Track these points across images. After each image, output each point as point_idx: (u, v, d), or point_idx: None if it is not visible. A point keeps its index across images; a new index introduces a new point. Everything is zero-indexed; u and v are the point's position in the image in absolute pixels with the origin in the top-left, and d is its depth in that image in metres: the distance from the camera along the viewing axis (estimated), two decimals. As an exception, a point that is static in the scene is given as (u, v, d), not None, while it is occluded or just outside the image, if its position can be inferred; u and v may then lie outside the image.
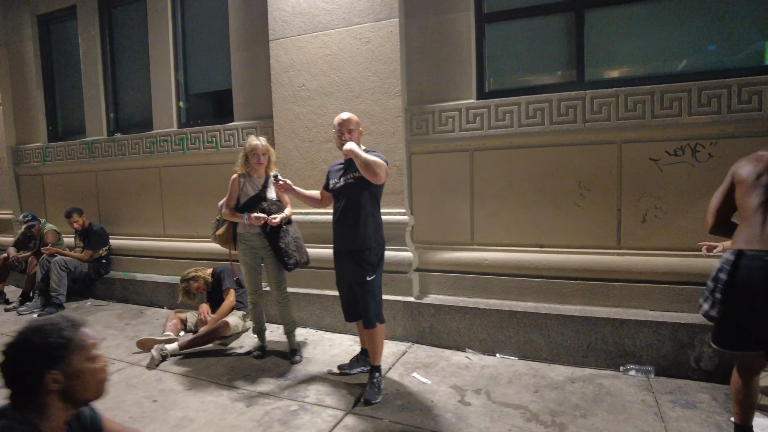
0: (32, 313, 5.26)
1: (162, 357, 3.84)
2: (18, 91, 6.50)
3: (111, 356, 3.98)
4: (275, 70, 4.47)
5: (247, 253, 3.64)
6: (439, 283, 4.14)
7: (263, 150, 3.54)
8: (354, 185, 3.13)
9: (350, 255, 3.18)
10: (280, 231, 3.53)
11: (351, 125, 3.15)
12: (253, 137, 3.59)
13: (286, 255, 3.52)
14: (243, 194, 3.56)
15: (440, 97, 4.02)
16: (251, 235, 3.59)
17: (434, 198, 4.13)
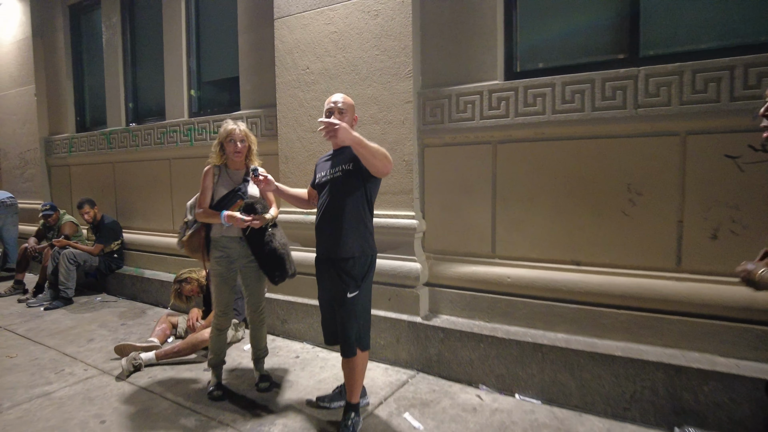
0: (40, 305, 5.13)
1: (134, 368, 3.45)
2: (51, 81, 6.49)
3: (87, 361, 3.66)
4: (279, 51, 3.99)
5: (222, 263, 2.98)
6: (452, 302, 3.47)
7: (241, 136, 2.97)
8: (342, 180, 2.57)
9: (330, 264, 2.62)
10: (266, 235, 2.95)
11: (343, 107, 2.59)
12: (230, 121, 3.04)
13: (276, 265, 2.93)
14: (217, 189, 2.98)
15: (459, 79, 3.35)
16: (229, 240, 2.98)
17: (450, 199, 3.46)
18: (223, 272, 3.00)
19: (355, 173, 2.54)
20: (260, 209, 2.91)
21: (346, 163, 2.57)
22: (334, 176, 2.61)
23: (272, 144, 4.19)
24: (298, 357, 3.69)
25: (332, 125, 2.27)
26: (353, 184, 2.55)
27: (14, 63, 6.79)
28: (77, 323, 4.58)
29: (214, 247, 3.02)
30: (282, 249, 2.95)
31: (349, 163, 2.55)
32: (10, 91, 6.93)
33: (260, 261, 2.98)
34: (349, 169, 2.55)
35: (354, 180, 2.54)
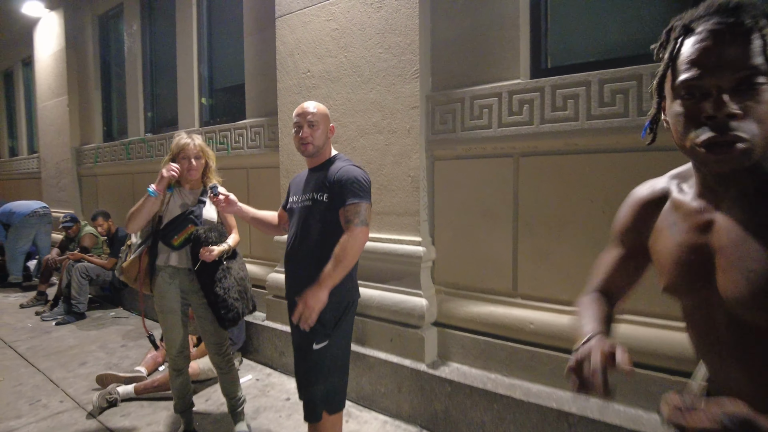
0: (54, 319, 5.00)
1: (109, 403, 3.12)
2: (81, 92, 6.49)
3: (68, 390, 3.38)
4: (280, 54, 3.58)
5: (167, 296, 2.55)
6: (463, 348, 2.88)
7: (195, 152, 2.54)
8: (313, 210, 2.09)
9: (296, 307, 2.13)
10: (218, 270, 2.49)
11: (313, 116, 2.11)
12: (183, 134, 2.62)
13: (223, 307, 2.48)
14: (167, 210, 2.55)
15: (475, 78, 2.78)
16: (175, 271, 2.55)
17: (463, 223, 2.89)
18: (171, 306, 2.58)
19: (329, 205, 2.05)
20: (214, 238, 2.47)
21: (319, 191, 2.08)
22: (303, 204, 2.13)
23: (275, 156, 3.78)
24: (289, 399, 3.22)
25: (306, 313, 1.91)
26: (327, 216, 2.06)
27: (51, 75, 6.88)
28: (79, 342, 4.37)
29: (159, 277, 2.58)
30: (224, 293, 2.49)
31: (323, 192, 2.07)
32: (48, 102, 7.03)
33: (208, 299, 2.53)
34: (322, 200, 2.06)
35: (328, 212, 2.06)
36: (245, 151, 4.13)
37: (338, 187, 2.02)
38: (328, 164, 2.15)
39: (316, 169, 2.18)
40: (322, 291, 1.91)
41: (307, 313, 1.90)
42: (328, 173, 2.09)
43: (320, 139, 2.12)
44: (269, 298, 3.74)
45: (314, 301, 1.90)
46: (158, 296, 2.59)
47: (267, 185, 4.04)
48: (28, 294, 6.04)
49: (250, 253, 4.25)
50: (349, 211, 1.99)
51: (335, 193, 2.03)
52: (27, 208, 6.19)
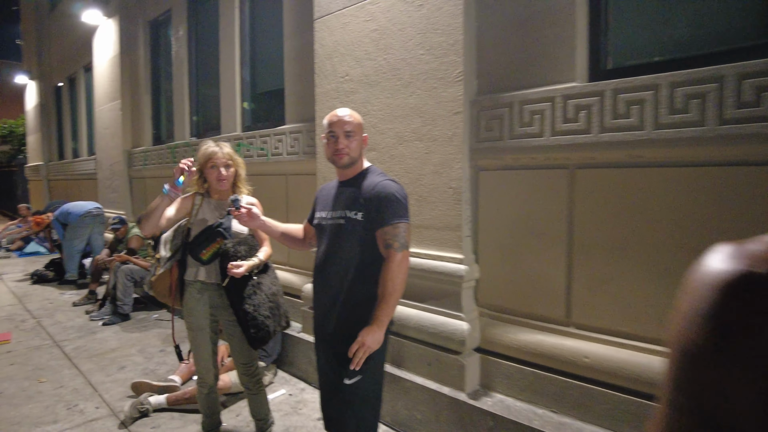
0: (101, 319, 5.11)
1: (141, 413, 3.08)
2: (133, 96, 6.64)
3: (105, 396, 3.39)
4: (319, 57, 3.43)
5: (195, 313, 2.45)
6: (508, 378, 2.62)
7: (225, 160, 2.42)
8: (345, 229, 1.91)
9: (328, 339, 1.99)
10: (248, 286, 2.37)
11: (348, 126, 1.94)
12: (210, 142, 2.51)
13: (253, 326, 2.35)
14: (197, 222, 2.44)
15: (524, 81, 2.51)
16: (204, 286, 2.44)
17: (511, 240, 2.63)
18: (200, 323, 2.48)
19: (364, 225, 1.88)
20: (243, 252, 2.34)
21: (353, 208, 1.90)
22: (336, 222, 1.95)
23: (313, 163, 3.64)
24: (321, 419, 3.06)
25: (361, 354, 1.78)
26: (362, 237, 1.88)
27: (107, 80, 7.10)
28: (121, 344, 4.42)
29: (188, 292, 2.49)
30: (254, 310, 2.35)
31: (356, 210, 1.89)
32: (104, 107, 7.26)
33: (237, 316, 2.40)
34: (356, 219, 1.89)
35: (363, 233, 1.88)
36: (284, 157, 4.02)
37: (375, 205, 1.85)
38: (361, 178, 1.98)
39: (347, 183, 2.01)
40: (381, 331, 1.80)
41: (361, 353, 1.77)
42: (362, 189, 1.91)
43: (356, 150, 1.97)
44: (305, 310, 3.61)
45: (374, 343, 1.78)
46: (186, 312, 2.50)
47: (305, 192, 3.91)
48: (81, 292, 6.23)
49: (288, 261, 4.14)
50: (388, 234, 1.83)
51: (371, 211, 1.86)
52: (82, 209, 6.40)
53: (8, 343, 4.44)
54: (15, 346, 4.38)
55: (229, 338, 2.52)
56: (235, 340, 2.48)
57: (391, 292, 1.79)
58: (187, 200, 2.49)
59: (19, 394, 3.43)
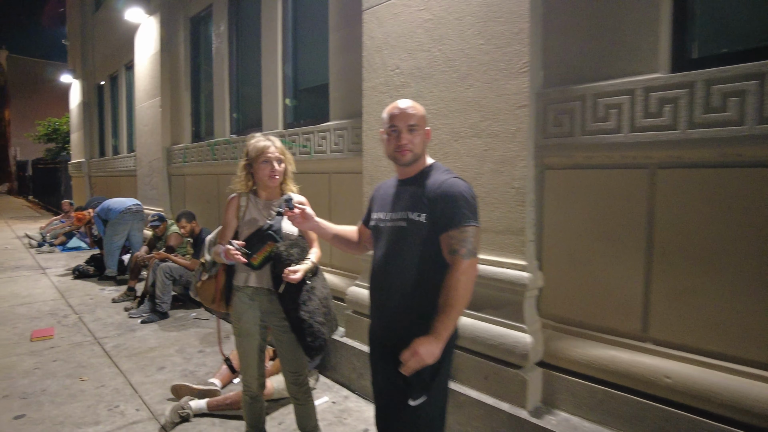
0: (139, 317, 5.09)
1: (181, 418, 2.99)
2: (173, 93, 6.64)
3: (145, 398, 3.32)
4: (367, 49, 3.28)
5: (245, 318, 2.31)
6: (574, 396, 2.40)
7: (277, 155, 2.26)
8: (406, 233, 1.74)
9: (385, 351, 1.81)
10: (302, 292, 2.20)
11: (413, 119, 1.76)
12: (259, 136, 2.35)
13: (309, 334, 2.18)
14: (245, 224, 2.29)
15: (599, 72, 2.29)
16: (255, 291, 2.30)
17: (580, 246, 2.41)
18: (249, 330, 2.34)
19: (429, 227, 1.69)
20: (297, 255, 2.19)
21: (415, 209, 1.73)
22: (396, 225, 1.78)
23: (358, 160, 3.49)
24: (367, 430, 2.91)
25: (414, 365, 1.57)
26: (425, 241, 1.71)
27: (148, 77, 7.14)
28: (160, 344, 4.37)
29: (237, 297, 2.35)
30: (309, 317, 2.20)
31: (419, 211, 1.71)
32: (144, 104, 7.31)
33: (291, 324, 2.24)
34: (419, 221, 1.71)
35: (427, 237, 1.70)
36: (328, 154, 3.88)
37: (440, 205, 1.68)
38: (423, 176, 1.80)
39: (408, 181, 1.83)
40: (438, 345, 1.57)
41: (414, 364, 1.57)
42: (426, 187, 1.74)
43: (420, 145, 1.79)
44: (349, 313, 3.46)
45: (428, 355, 1.56)
46: (235, 318, 2.37)
47: (349, 192, 3.76)
48: (120, 288, 6.26)
49: (330, 263, 4.00)
50: (454, 239, 1.64)
51: (436, 213, 1.68)
52: (121, 205, 6.43)
53: (51, 339, 4.46)
54: (58, 342, 4.38)
55: (278, 345, 2.38)
56: (285, 346, 2.33)
57: (453, 303, 1.59)
58: (233, 203, 2.35)
59: (61, 392, 3.40)
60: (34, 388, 3.44)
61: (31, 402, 3.25)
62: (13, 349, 4.19)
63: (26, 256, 8.70)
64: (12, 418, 3.04)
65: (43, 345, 4.30)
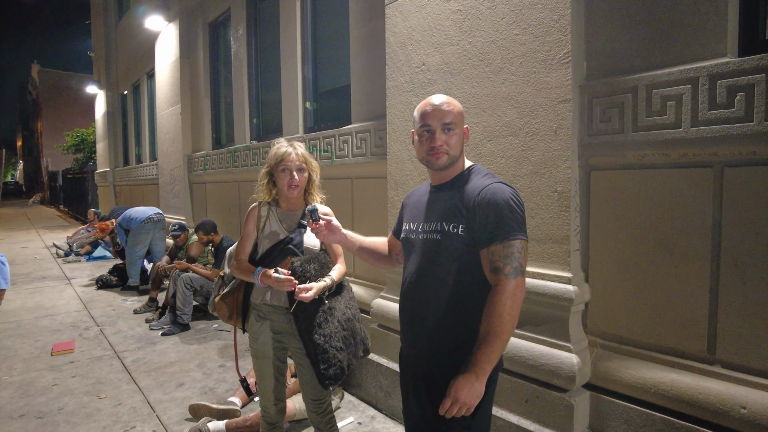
0: (160, 329, 4.98)
1: (199, 440, 2.82)
2: (193, 100, 6.56)
3: (162, 418, 3.17)
4: (390, 46, 3.07)
5: (261, 338, 2.16)
6: (628, 423, 2.13)
7: (298, 163, 2.08)
8: (441, 246, 1.52)
9: (421, 384, 1.59)
10: (318, 312, 2.00)
11: (448, 116, 1.53)
12: (283, 141, 2.18)
13: (323, 360, 1.97)
14: (265, 236, 2.13)
15: (653, 59, 2.04)
16: (272, 309, 2.12)
17: (632, 255, 2.15)
18: (265, 351, 2.16)
19: (467, 241, 1.49)
20: (313, 271, 2.00)
21: (452, 220, 1.52)
22: (428, 236, 1.56)
23: (382, 165, 3.28)
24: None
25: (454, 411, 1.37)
26: (464, 256, 1.50)
27: (168, 84, 7.09)
28: (180, 357, 4.24)
29: (253, 316, 2.19)
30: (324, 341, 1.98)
31: (457, 222, 1.50)
32: (164, 111, 7.26)
33: (306, 349, 2.04)
34: (456, 234, 1.50)
35: (465, 251, 1.50)
36: (350, 159, 3.69)
37: (481, 215, 1.46)
38: (461, 180, 1.58)
39: (443, 187, 1.61)
40: (480, 382, 1.36)
41: (454, 411, 1.37)
42: (464, 194, 1.52)
43: (457, 147, 1.56)
44: (374, 327, 3.25)
45: (471, 398, 1.36)
46: (252, 338, 2.20)
47: (372, 198, 3.56)
48: (143, 298, 6.19)
49: (353, 273, 3.80)
50: (497, 255, 1.42)
51: (475, 224, 1.47)
52: (142, 215, 6.37)
53: (72, 353, 4.37)
54: (78, 356, 4.29)
55: (298, 369, 2.18)
56: (305, 370, 2.13)
57: (497, 331, 1.37)
58: (253, 213, 2.19)
59: (78, 411, 3.27)
60: (51, 407, 3.33)
61: (48, 422, 3.13)
62: (34, 364, 4.11)
63: (53, 266, 8.76)
64: (26, 440, 2.92)
65: (63, 359, 4.21)
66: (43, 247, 11.21)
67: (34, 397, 3.49)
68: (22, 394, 3.54)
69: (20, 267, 8.58)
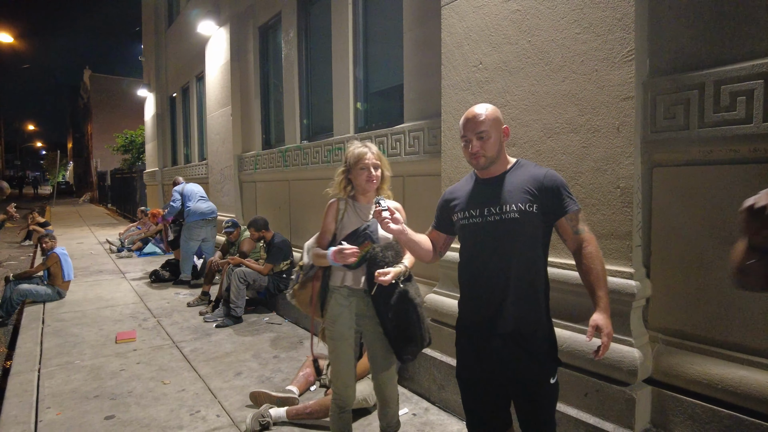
0: (214, 321, 5.19)
1: (261, 426, 2.96)
2: (243, 101, 6.79)
3: (224, 404, 3.33)
4: (446, 46, 3.15)
5: (340, 321, 2.29)
6: (692, 419, 2.14)
7: (374, 161, 2.28)
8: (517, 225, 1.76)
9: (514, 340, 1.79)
10: (394, 294, 2.16)
11: (482, 126, 1.80)
12: (357, 143, 2.36)
13: (402, 338, 2.18)
14: (342, 227, 2.32)
15: (720, 55, 2.04)
16: (351, 292, 2.29)
17: (695, 251, 2.15)
18: (344, 333, 2.30)
19: (541, 218, 1.78)
20: (391, 258, 2.15)
21: (526, 202, 1.75)
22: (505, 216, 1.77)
23: (436, 162, 3.36)
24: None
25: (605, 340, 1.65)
26: (538, 231, 1.79)
27: (218, 86, 7.36)
28: (235, 348, 4.42)
29: (332, 300, 2.33)
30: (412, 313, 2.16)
31: (531, 203, 1.76)
32: (215, 113, 7.54)
33: (384, 328, 2.22)
34: (532, 212, 1.75)
35: (539, 225, 1.78)
36: (402, 157, 3.78)
37: (551, 194, 1.77)
38: (515, 172, 1.84)
39: (495, 181, 1.86)
40: (608, 314, 1.68)
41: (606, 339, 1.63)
42: (527, 181, 1.79)
43: (493, 149, 1.82)
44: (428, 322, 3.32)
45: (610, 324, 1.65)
46: (330, 321, 2.34)
47: (424, 195, 3.64)
48: (195, 292, 6.45)
49: (404, 269, 3.89)
50: (573, 220, 1.77)
51: (547, 202, 1.76)
52: (198, 212, 6.62)
53: (134, 341, 4.61)
54: (140, 345, 4.53)
55: (370, 350, 2.35)
56: (378, 350, 2.30)
57: (603, 272, 1.71)
58: (333, 207, 2.37)
59: (146, 394, 3.48)
60: (121, 390, 3.55)
61: (119, 403, 3.34)
62: (101, 350, 4.37)
63: (107, 261, 9.21)
64: (103, 419, 3.13)
65: (126, 347, 4.46)
66: (97, 243, 11.76)
67: (105, 380, 3.72)
68: (94, 377, 3.78)
69: (78, 261, 9.03)
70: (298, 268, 2.54)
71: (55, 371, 3.89)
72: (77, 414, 3.19)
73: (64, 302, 6.03)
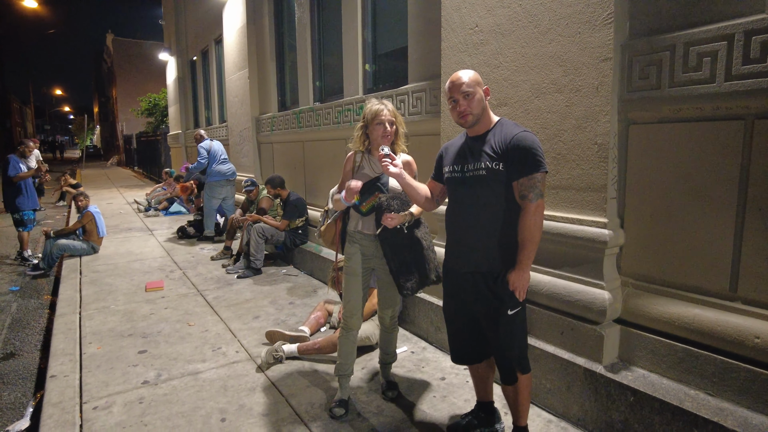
0: (236, 273, 5.57)
1: (275, 359, 3.32)
2: (260, 64, 6.97)
3: (243, 342, 3.71)
4: (446, 8, 3.28)
5: (354, 259, 2.69)
6: (653, 353, 2.38)
7: (389, 117, 2.53)
8: (486, 180, 2.06)
9: (480, 278, 2.12)
10: (399, 238, 2.50)
11: (464, 86, 2.07)
12: (374, 100, 2.61)
13: (402, 274, 2.50)
14: (359, 177, 2.61)
15: (692, 17, 2.17)
16: (362, 236, 2.66)
17: (664, 203, 2.34)
18: (355, 269, 2.69)
19: (506, 175, 2.03)
20: (396, 206, 2.46)
21: (494, 160, 2.04)
22: (474, 173, 2.08)
23: (436, 122, 3.55)
24: (444, 379, 3.08)
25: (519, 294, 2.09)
26: (503, 187, 2.05)
27: (236, 50, 7.53)
28: (254, 296, 4.79)
29: (348, 241, 2.74)
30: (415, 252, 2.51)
31: (497, 161, 2.03)
32: (233, 76, 7.75)
33: (390, 266, 2.55)
34: (498, 170, 2.03)
35: (505, 182, 2.04)
36: (406, 117, 3.97)
37: (514, 156, 1.98)
38: (494, 130, 2.10)
39: (479, 138, 2.13)
40: (526, 272, 2.03)
41: (518, 294, 2.04)
42: (501, 139, 2.03)
43: (478, 106, 2.08)
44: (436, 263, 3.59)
45: (522, 283, 2.03)
46: (346, 258, 2.75)
47: (426, 154, 3.83)
48: (217, 246, 6.86)
49: (408, 223, 4.14)
50: (524, 186, 1.97)
51: (511, 162, 1.98)
52: (220, 174, 6.95)
53: (162, 290, 5.03)
54: (167, 293, 4.94)
55: (380, 285, 2.77)
56: (385, 285, 2.72)
57: (529, 238, 1.99)
58: (350, 159, 2.70)
59: (173, 334, 3.87)
60: (151, 330, 3.95)
61: (150, 341, 3.74)
62: (133, 297, 4.79)
63: (136, 220, 9.70)
64: (137, 353, 3.53)
65: (155, 295, 4.87)
66: (125, 204, 12.31)
67: (137, 322, 4.14)
68: (127, 319, 4.20)
69: (109, 220, 9.54)
70: (323, 211, 2.94)
71: (94, 314, 4.33)
72: (115, 348, 3.60)
73: (98, 256, 6.50)
